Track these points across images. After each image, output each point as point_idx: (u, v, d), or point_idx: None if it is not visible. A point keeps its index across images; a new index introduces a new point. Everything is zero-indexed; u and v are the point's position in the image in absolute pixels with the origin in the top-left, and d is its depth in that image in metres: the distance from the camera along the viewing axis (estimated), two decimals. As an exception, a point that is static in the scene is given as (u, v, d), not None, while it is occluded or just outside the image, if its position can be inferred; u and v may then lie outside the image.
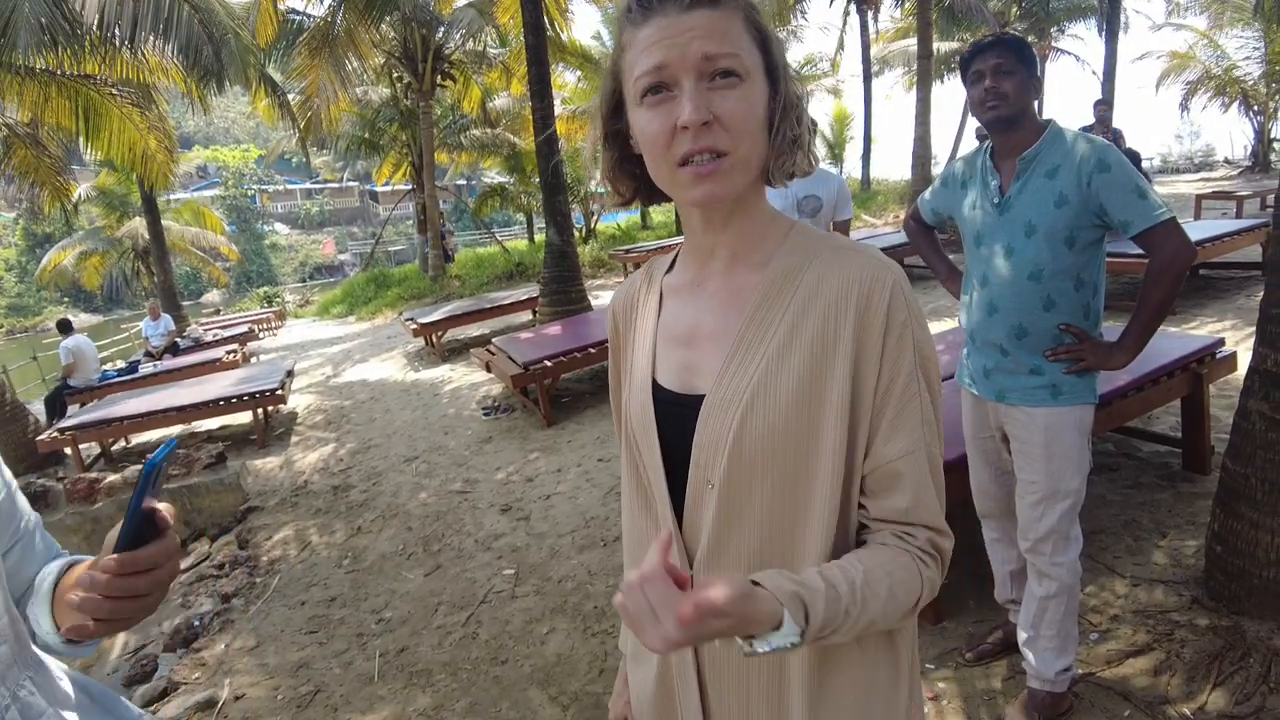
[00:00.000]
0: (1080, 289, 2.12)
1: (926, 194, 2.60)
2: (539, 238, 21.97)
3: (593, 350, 6.51)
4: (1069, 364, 2.13)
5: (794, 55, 25.47)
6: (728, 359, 0.93)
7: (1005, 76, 2.09)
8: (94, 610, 0.82)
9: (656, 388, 1.00)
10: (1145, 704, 2.35)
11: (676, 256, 1.08)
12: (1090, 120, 9.20)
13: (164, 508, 0.86)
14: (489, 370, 7.13)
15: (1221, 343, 3.83)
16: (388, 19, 15.24)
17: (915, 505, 0.90)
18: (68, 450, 7.52)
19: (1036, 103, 2.20)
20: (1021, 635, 2.36)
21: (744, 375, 0.91)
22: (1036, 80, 2.14)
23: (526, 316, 11.17)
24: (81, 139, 10.19)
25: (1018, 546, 2.37)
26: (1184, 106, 20.98)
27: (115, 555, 0.81)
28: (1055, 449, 2.17)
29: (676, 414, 0.97)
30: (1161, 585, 2.92)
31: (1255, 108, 19.60)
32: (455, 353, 10.32)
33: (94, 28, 8.37)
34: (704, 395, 0.94)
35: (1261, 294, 2.63)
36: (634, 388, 1.04)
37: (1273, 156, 19.56)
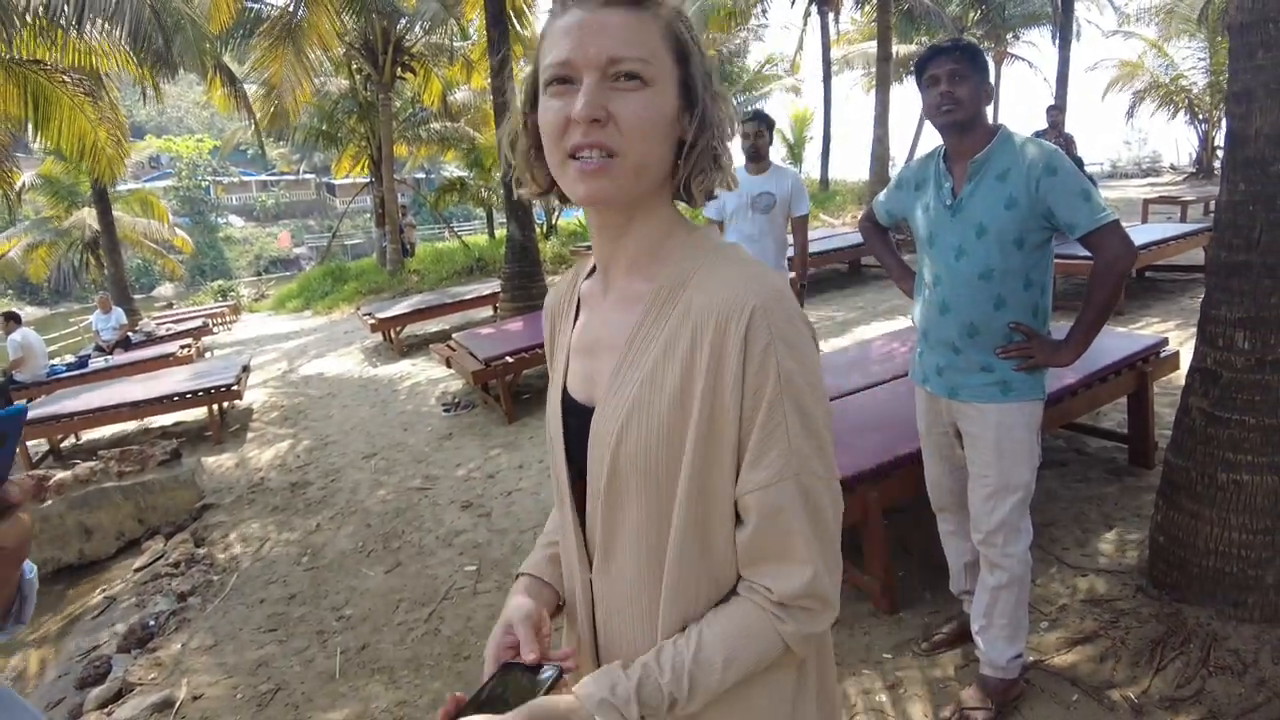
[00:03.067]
0: (1029, 288, 2.19)
1: (881, 195, 2.66)
2: (499, 233, 21.82)
3: (555, 347, 6.49)
4: (1019, 361, 2.21)
5: (755, 55, 25.63)
6: (613, 373, 0.94)
7: (960, 82, 2.16)
8: None
9: (567, 397, 1.03)
10: (1092, 689, 2.44)
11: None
12: (1044, 125, 9.40)
13: (17, 482, 0.77)
14: (449, 366, 7.09)
15: (1165, 342, 3.97)
16: (350, 10, 15.04)
17: (759, 538, 0.89)
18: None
19: (990, 107, 2.27)
20: (974, 624, 2.43)
21: (625, 390, 0.92)
22: (989, 87, 2.21)
23: (487, 312, 11.11)
24: (31, 127, 9.91)
25: (971, 539, 2.44)
26: (1130, 114, 21.58)
27: None
28: (1006, 444, 2.24)
29: (580, 423, 0.98)
30: (1108, 575, 3.03)
31: (1200, 116, 20.20)
32: (414, 348, 10.22)
33: (39, 11, 8.14)
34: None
35: (1203, 295, 2.74)
36: (550, 393, 1.07)
37: (1216, 163, 20.13)
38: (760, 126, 4.44)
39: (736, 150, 4.57)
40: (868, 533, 2.94)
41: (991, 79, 2.24)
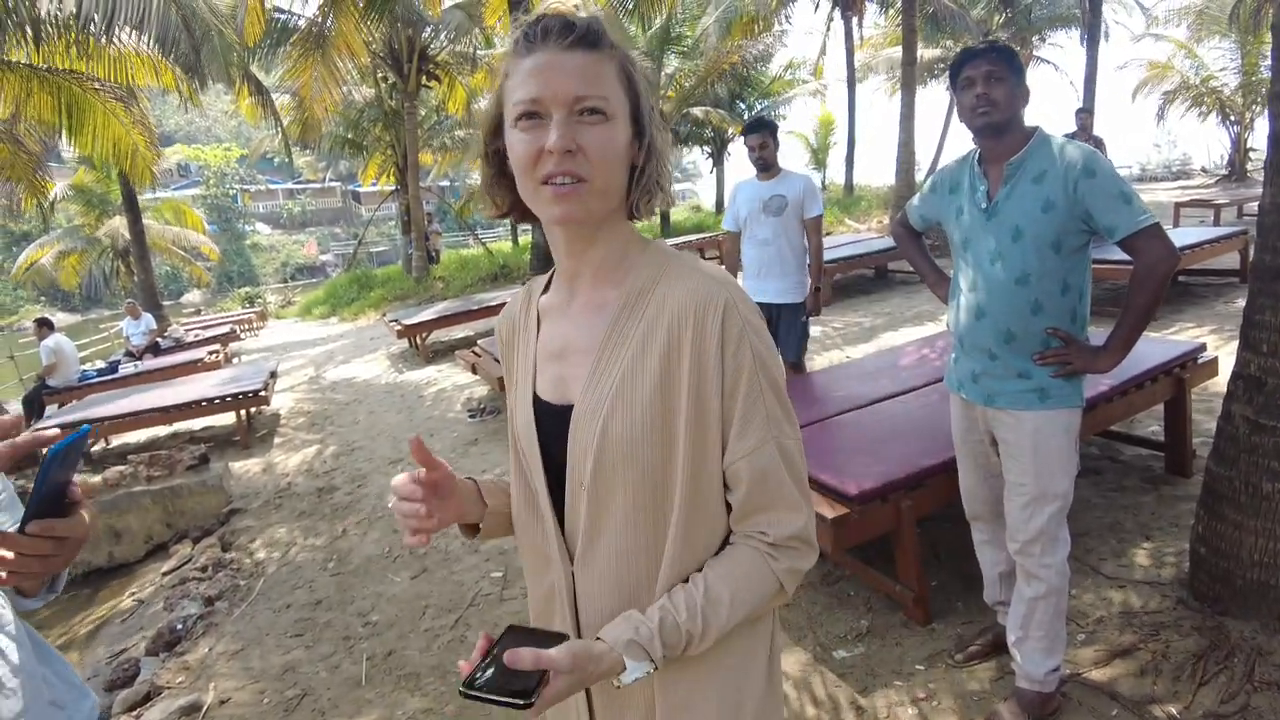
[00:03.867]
0: (1067, 293, 2.15)
1: (915, 200, 2.62)
2: (523, 239, 21.91)
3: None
4: (1056, 367, 2.16)
5: (778, 60, 25.53)
6: (590, 371, 1.03)
7: (996, 83, 2.12)
8: (2, 565, 0.97)
9: (538, 401, 1.11)
10: (1132, 704, 2.37)
11: (551, 277, 1.17)
12: (1073, 128, 9.29)
13: (80, 481, 1.04)
14: (475, 372, 7.11)
15: (1203, 348, 3.88)
16: (373, 17, 15.19)
17: (752, 496, 1.01)
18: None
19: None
20: (1011, 636, 2.38)
21: (605, 385, 1.01)
22: (1025, 89, 2.17)
23: (512, 318, 11.11)
24: (65, 134, 10.08)
25: (1007, 549, 2.39)
26: (1160, 116, 21.26)
27: (33, 521, 0.97)
28: (1043, 451, 2.19)
29: (555, 423, 1.06)
30: (1146, 587, 2.96)
31: (1232, 117, 19.87)
32: (440, 354, 10.28)
33: (71, 18, 8.26)
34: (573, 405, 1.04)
35: (1239, 300, 2.68)
36: (518, 401, 1.14)
37: (1249, 166, 19.81)
38: (764, 137, 4.38)
39: (752, 163, 4.53)
40: (900, 542, 2.89)
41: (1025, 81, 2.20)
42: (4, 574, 1.00)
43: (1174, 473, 3.82)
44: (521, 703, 0.83)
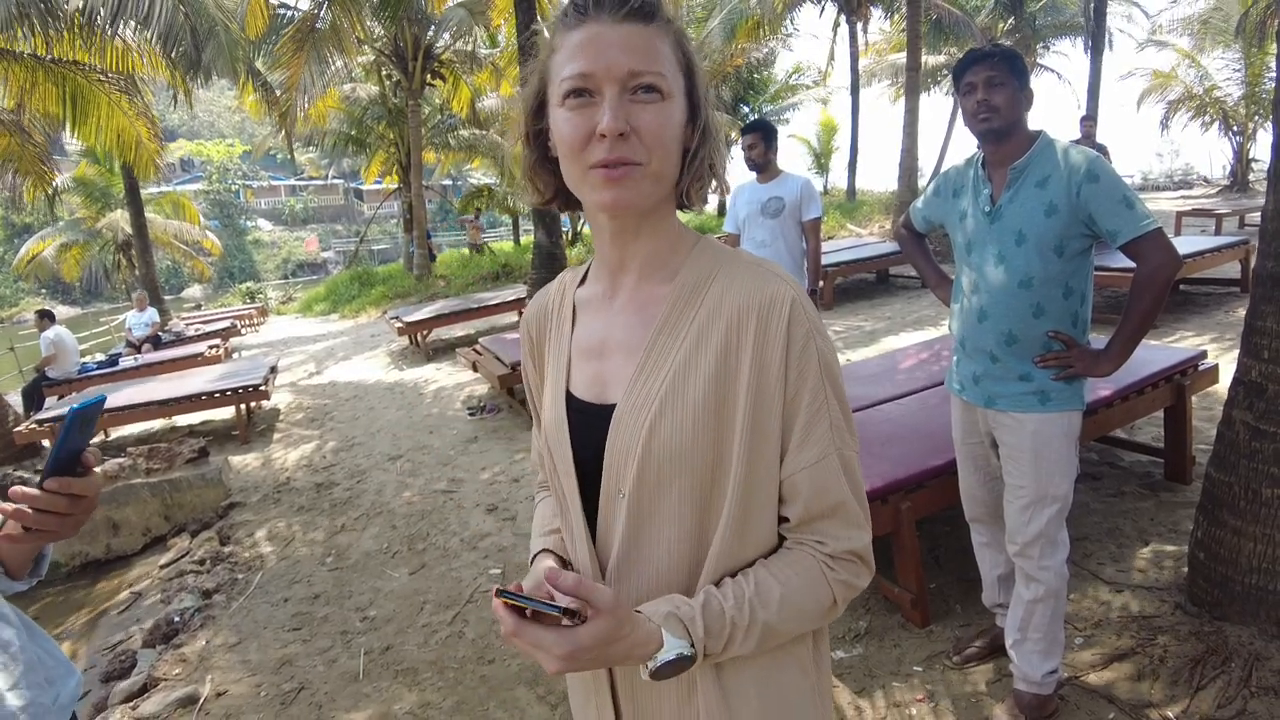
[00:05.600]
0: (1069, 297, 2.15)
1: (919, 202, 2.62)
2: (525, 239, 21.93)
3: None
4: (1057, 370, 2.17)
5: (783, 64, 25.54)
6: (638, 369, 0.95)
7: (997, 88, 2.12)
8: (22, 519, 1.01)
9: (571, 398, 1.02)
10: (1129, 707, 2.38)
11: (589, 269, 1.10)
12: (1076, 136, 9.31)
13: (92, 451, 1.06)
14: (475, 370, 7.11)
15: (1204, 355, 3.89)
16: (378, 16, 15.19)
17: (811, 509, 0.94)
18: (45, 442, 7.42)
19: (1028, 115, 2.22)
20: (1009, 638, 2.39)
21: (653, 385, 0.93)
22: (1029, 92, 2.17)
23: (513, 317, 11.16)
24: (68, 125, 10.07)
25: (1006, 551, 2.40)
26: (1164, 125, 21.29)
27: (51, 478, 1.01)
28: (1044, 454, 2.20)
29: (590, 424, 0.98)
30: (1144, 591, 2.96)
31: (1235, 128, 19.90)
32: (440, 352, 10.28)
33: (77, 9, 8.28)
34: (615, 405, 0.96)
35: (1241, 310, 2.68)
36: (548, 399, 1.06)
37: (1251, 176, 19.84)
38: (754, 138, 4.38)
39: (745, 163, 4.54)
40: (899, 544, 2.89)
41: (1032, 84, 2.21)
42: (21, 529, 1.03)
43: (1173, 479, 3.83)
44: (567, 619, 0.77)
